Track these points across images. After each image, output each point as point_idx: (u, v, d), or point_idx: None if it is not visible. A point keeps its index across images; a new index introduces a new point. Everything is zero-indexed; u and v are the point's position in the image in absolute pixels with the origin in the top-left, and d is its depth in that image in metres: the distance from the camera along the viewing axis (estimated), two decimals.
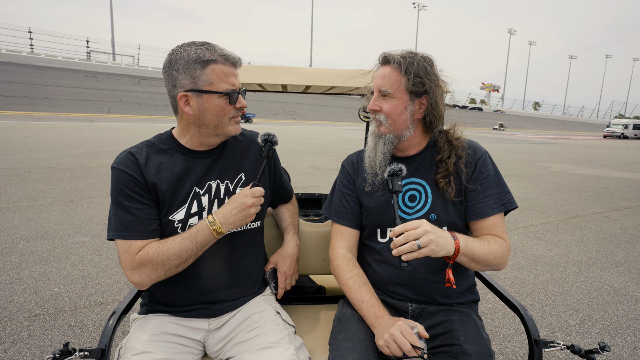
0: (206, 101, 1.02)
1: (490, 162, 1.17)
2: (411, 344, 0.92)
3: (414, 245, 0.90)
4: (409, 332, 0.94)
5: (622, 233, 4.54)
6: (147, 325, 1.08)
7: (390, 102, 1.11)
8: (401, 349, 0.92)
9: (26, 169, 6.91)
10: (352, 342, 1.01)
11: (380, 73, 1.13)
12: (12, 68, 30.57)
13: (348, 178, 1.27)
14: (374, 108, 1.14)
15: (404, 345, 0.92)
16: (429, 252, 0.92)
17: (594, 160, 13.74)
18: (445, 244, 0.94)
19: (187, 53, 0.99)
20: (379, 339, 0.98)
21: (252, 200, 1.04)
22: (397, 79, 1.09)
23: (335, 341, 1.06)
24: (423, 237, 0.91)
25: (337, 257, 1.20)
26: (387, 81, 1.10)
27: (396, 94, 1.10)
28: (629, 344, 2.25)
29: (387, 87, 1.10)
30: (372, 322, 1.04)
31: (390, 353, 0.95)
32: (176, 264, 1.01)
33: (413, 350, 0.91)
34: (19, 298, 2.49)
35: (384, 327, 0.99)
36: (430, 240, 0.91)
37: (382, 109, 1.12)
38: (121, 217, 1.01)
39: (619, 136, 41.76)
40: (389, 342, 0.94)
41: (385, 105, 1.12)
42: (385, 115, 1.12)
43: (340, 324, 1.11)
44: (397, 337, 0.93)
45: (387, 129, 1.14)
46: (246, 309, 1.17)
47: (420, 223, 0.93)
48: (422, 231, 0.91)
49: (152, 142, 1.11)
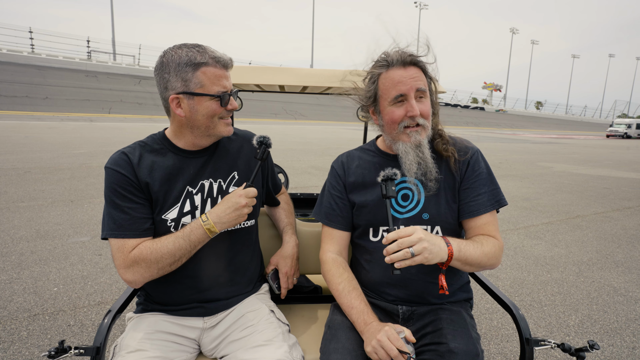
0: (197, 103, 1.02)
1: (482, 159, 1.17)
2: (398, 349, 0.92)
3: (407, 254, 0.89)
4: (396, 337, 0.94)
5: (623, 233, 4.53)
6: (142, 323, 1.09)
7: (426, 103, 1.09)
8: (388, 355, 0.92)
9: (26, 169, 6.93)
10: (341, 354, 1.01)
11: (410, 74, 1.06)
12: (12, 68, 30.66)
13: (338, 179, 1.24)
14: (416, 113, 1.06)
15: (391, 351, 0.92)
16: (422, 260, 0.91)
17: (596, 160, 13.69)
18: (439, 252, 0.94)
19: (179, 55, 1.00)
20: (367, 346, 0.98)
21: (246, 200, 1.05)
22: (424, 78, 1.09)
23: (325, 351, 1.06)
24: (417, 245, 0.90)
25: (327, 261, 1.19)
26: (421, 79, 1.08)
27: (427, 93, 1.09)
28: (627, 344, 2.25)
29: (424, 86, 1.07)
30: (361, 329, 1.04)
31: (378, 359, 0.95)
32: (169, 262, 1.01)
33: (400, 355, 0.91)
34: (18, 298, 2.50)
35: (371, 333, 0.99)
36: (424, 248, 0.91)
37: (422, 111, 1.08)
38: (114, 216, 1.02)
39: (622, 136, 41.61)
40: (376, 349, 0.95)
41: (424, 107, 1.08)
42: (424, 118, 1.08)
43: (331, 332, 1.11)
44: (384, 342, 0.93)
45: (425, 133, 1.10)
46: (240, 307, 1.17)
47: (413, 230, 0.93)
48: (416, 239, 0.91)
49: (145, 142, 1.12)
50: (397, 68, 1.08)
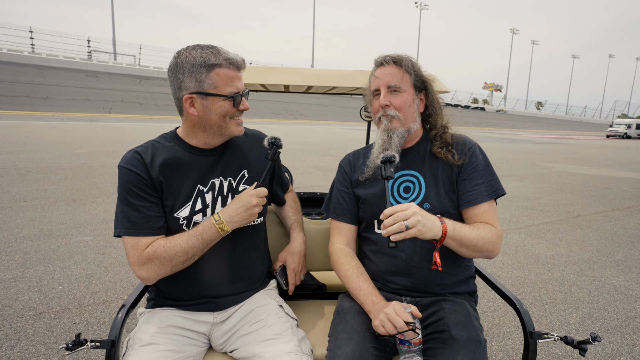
0: (211, 103, 1.05)
1: (480, 152, 1.22)
2: (404, 321, 0.96)
3: (402, 226, 0.93)
4: (402, 310, 0.99)
5: (623, 232, 4.55)
6: (154, 318, 1.11)
7: (400, 96, 1.18)
8: (395, 326, 0.96)
9: (28, 168, 6.95)
10: (349, 334, 1.05)
11: (386, 71, 1.19)
12: (13, 68, 30.66)
13: (345, 176, 1.33)
14: (385, 103, 1.18)
15: (397, 322, 0.96)
16: (416, 233, 0.95)
17: (597, 160, 13.72)
18: (433, 227, 0.98)
19: (193, 57, 1.02)
20: (375, 320, 1.03)
21: (257, 200, 1.07)
22: (402, 75, 1.18)
23: (334, 333, 1.10)
24: (411, 218, 0.94)
25: (336, 251, 1.25)
26: (395, 77, 1.18)
27: (405, 88, 1.18)
28: (627, 341, 2.27)
29: (396, 82, 1.18)
30: (370, 308, 1.08)
31: (385, 332, 0.99)
32: (183, 260, 1.04)
33: (406, 326, 0.95)
34: (23, 296, 2.52)
35: (379, 309, 1.03)
36: (418, 221, 0.95)
37: (393, 103, 1.18)
38: (128, 214, 1.04)
39: (622, 136, 41.64)
40: (383, 321, 0.99)
41: (395, 100, 1.18)
42: (396, 109, 1.18)
43: (339, 317, 1.15)
44: (391, 315, 0.98)
45: (399, 123, 1.19)
46: (250, 302, 1.20)
47: (409, 206, 0.97)
48: (411, 213, 0.95)
49: (158, 141, 1.14)
50: (378, 67, 1.22)
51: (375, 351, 1.04)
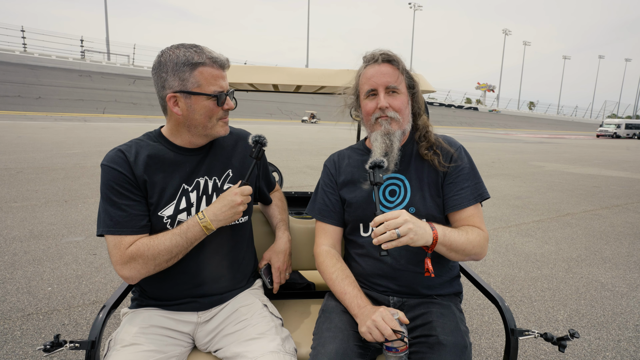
0: (194, 102, 1.05)
1: (465, 155, 1.21)
2: (392, 329, 0.95)
3: (393, 234, 0.92)
4: (390, 317, 0.97)
5: (611, 230, 4.62)
6: (137, 318, 1.11)
7: (399, 98, 1.15)
8: (383, 334, 0.95)
9: (19, 169, 6.87)
10: (333, 332, 1.05)
11: (383, 71, 1.14)
12: (4, 67, 30.26)
13: (330, 177, 1.30)
14: (386, 105, 1.13)
15: (385, 330, 0.95)
16: (408, 241, 0.94)
17: (587, 159, 13.89)
18: (424, 234, 0.97)
19: (176, 55, 1.02)
20: (362, 326, 1.01)
21: (241, 198, 1.07)
22: (398, 75, 1.15)
23: (318, 331, 1.10)
24: (402, 226, 0.93)
25: (321, 253, 1.23)
26: (393, 78, 1.14)
27: (401, 89, 1.15)
28: (613, 337, 2.31)
29: (394, 83, 1.14)
30: (355, 312, 1.07)
31: (373, 339, 0.97)
32: (166, 258, 1.03)
33: (394, 335, 0.94)
34: (11, 298, 2.50)
35: (366, 315, 1.02)
36: (409, 229, 0.94)
37: (392, 105, 1.14)
38: (111, 213, 1.03)
39: (612, 135, 42.24)
40: (371, 329, 0.97)
41: (395, 101, 1.14)
42: (396, 111, 1.14)
43: (325, 315, 1.15)
44: (379, 322, 0.96)
45: (397, 125, 1.16)
46: (234, 302, 1.19)
47: (399, 213, 0.96)
48: (402, 220, 0.94)
49: (141, 139, 1.14)
50: (372, 65, 1.16)
51: (359, 350, 1.04)
